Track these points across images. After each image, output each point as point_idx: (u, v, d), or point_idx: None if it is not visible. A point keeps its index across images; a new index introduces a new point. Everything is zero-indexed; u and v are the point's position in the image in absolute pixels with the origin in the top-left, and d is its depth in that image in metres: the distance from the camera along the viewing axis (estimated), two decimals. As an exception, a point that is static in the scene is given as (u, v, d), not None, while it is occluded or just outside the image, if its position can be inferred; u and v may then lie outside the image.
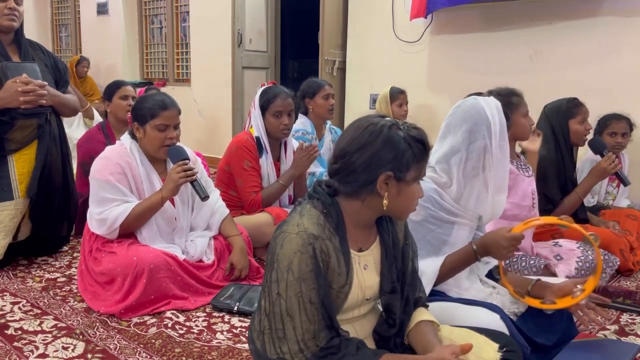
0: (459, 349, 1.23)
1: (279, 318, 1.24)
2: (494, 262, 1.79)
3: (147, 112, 2.23)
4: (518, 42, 3.96)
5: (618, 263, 2.56)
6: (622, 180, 2.75)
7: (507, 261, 2.07)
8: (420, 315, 1.39)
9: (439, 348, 1.26)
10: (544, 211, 2.58)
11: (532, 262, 2.18)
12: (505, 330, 1.50)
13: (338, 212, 1.29)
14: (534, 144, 2.41)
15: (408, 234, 1.44)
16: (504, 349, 1.35)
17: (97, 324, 2.06)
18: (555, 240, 2.48)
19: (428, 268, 1.60)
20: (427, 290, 1.57)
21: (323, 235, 1.25)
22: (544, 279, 1.78)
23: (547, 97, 2.94)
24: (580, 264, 2.26)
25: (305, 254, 1.21)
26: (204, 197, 2.27)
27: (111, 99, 3.19)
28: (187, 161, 2.26)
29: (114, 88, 3.22)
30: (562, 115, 2.70)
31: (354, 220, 1.31)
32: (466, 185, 1.64)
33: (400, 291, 1.37)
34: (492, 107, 1.63)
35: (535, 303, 1.64)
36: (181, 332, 2.01)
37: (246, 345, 1.89)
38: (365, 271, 1.34)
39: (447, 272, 1.62)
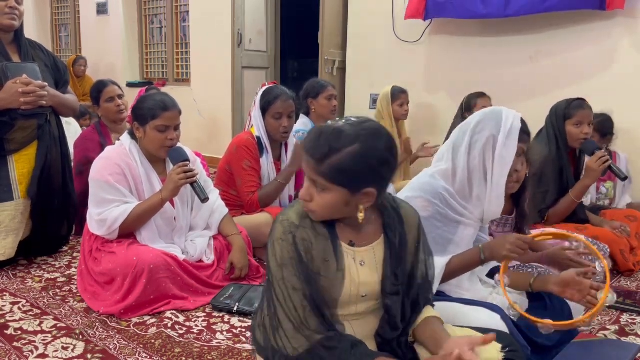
0: (479, 340, 1.18)
1: (272, 304, 1.28)
2: (494, 263, 1.79)
3: (148, 113, 2.22)
4: (518, 42, 3.96)
5: (611, 264, 2.56)
6: (618, 175, 2.64)
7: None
8: (426, 312, 1.37)
9: (453, 341, 1.22)
10: (538, 211, 2.58)
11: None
12: (506, 331, 1.50)
13: None
14: None
15: (421, 236, 1.40)
16: (507, 349, 1.34)
17: (97, 324, 2.06)
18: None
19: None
20: (433, 289, 1.57)
21: (304, 224, 1.27)
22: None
23: (547, 97, 2.94)
24: None
25: (285, 241, 1.25)
26: (204, 199, 2.26)
27: (98, 103, 3.15)
28: (187, 162, 2.26)
29: (98, 92, 3.15)
30: (559, 116, 2.68)
31: None
32: (471, 177, 1.64)
33: (407, 294, 1.35)
34: (511, 112, 1.65)
35: (547, 322, 1.62)
36: (181, 332, 2.01)
37: (246, 346, 1.89)
38: (362, 267, 1.32)
39: (452, 272, 1.62)
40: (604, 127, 3.14)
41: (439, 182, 1.66)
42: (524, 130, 1.68)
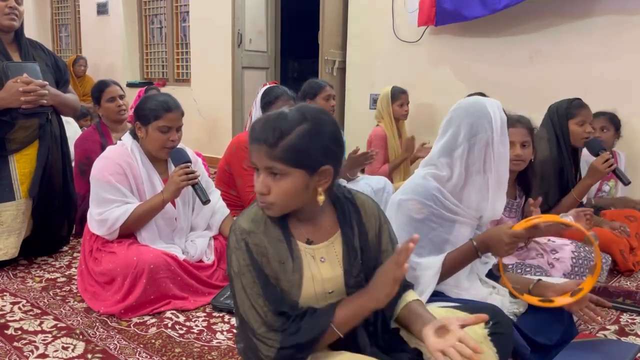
0: (471, 319, 1.17)
1: (238, 315, 1.27)
2: (492, 262, 1.79)
3: (151, 113, 2.22)
4: (518, 41, 3.96)
5: (610, 260, 2.56)
6: (621, 180, 2.67)
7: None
8: (407, 297, 1.37)
9: (444, 317, 1.22)
10: (540, 211, 2.58)
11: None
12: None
13: None
14: None
15: (383, 226, 1.38)
16: (490, 323, 1.33)
17: (97, 324, 2.06)
18: (549, 237, 2.46)
19: (430, 266, 1.60)
20: (430, 288, 1.57)
21: (256, 230, 1.26)
22: (545, 279, 1.78)
23: (547, 97, 2.93)
24: (574, 260, 2.26)
25: (239, 249, 1.25)
26: (205, 201, 2.26)
27: (99, 102, 3.15)
28: (189, 164, 2.26)
29: (99, 92, 3.15)
30: (562, 115, 2.69)
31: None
32: (467, 180, 1.64)
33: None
34: (494, 105, 1.67)
35: (534, 300, 1.63)
36: (181, 332, 2.01)
37: (246, 345, 1.89)
38: (323, 264, 1.30)
39: (448, 269, 1.63)
40: (615, 121, 3.16)
41: (431, 183, 1.66)
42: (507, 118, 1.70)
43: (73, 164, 3.08)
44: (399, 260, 1.16)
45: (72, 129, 3.89)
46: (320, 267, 1.30)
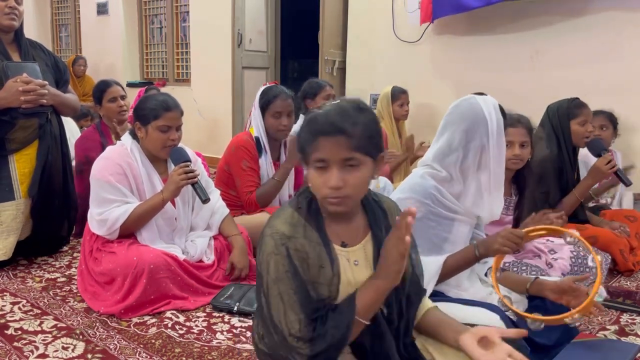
0: (511, 332, 1.22)
1: (269, 320, 1.24)
2: (491, 261, 1.79)
3: (150, 113, 2.23)
4: (518, 42, 3.96)
5: (610, 260, 2.56)
6: (623, 181, 2.68)
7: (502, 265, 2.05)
8: (425, 304, 1.37)
9: (482, 328, 1.25)
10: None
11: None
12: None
13: (313, 204, 1.27)
14: None
15: None
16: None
17: (97, 324, 2.06)
18: (547, 237, 2.46)
19: (430, 266, 1.60)
20: (429, 288, 1.57)
21: (296, 234, 1.23)
22: (542, 277, 1.78)
23: (547, 97, 2.93)
24: (573, 259, 2.27)
25: (279, 255, 1.21)
26: (205, 200, 2.27)
27: (101, 102, 3.14)
28: (188, 163, 2.27)
29: (101, 92, 3.14)
30: (563, 115, 2.69)
31: (324, 210, 1.28)
32: (464, 183, 1.65)
33: (402, 288, 1.32)
34: (490, 106, 1.65)
35: (523, 314, 1.62)
36: (181, 332, 2.01)
37: (246, 346, 1.89)
38: (357, 267, 1.30)
39: (449, 271, 1.62)
40: (613, 119, 3.17)
41: (429, 182, 1.66)
42: (503, 116, 1.69)
43: (73, 163, 3.08)
44: (401, 235, 1.15)
45: (74, 129, 3.89)
46: (354, 271, 1.30)
